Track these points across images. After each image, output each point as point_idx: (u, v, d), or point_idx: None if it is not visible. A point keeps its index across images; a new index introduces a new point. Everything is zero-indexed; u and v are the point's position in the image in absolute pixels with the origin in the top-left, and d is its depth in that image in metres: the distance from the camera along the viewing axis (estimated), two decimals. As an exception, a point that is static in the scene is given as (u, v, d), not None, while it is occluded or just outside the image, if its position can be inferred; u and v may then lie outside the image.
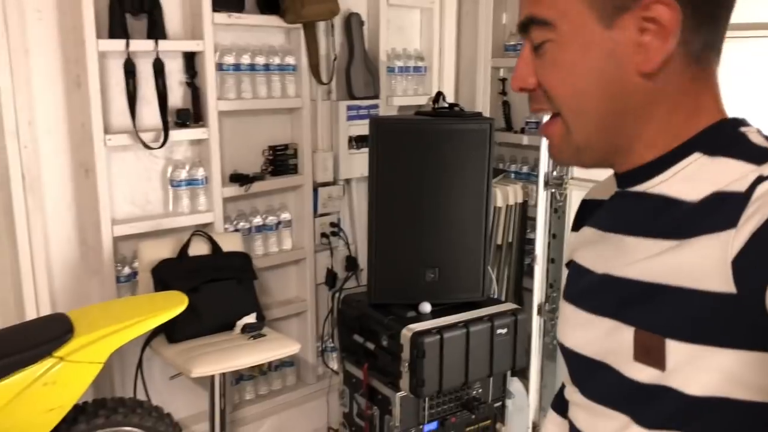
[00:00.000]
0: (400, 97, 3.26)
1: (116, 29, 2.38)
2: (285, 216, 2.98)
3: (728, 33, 0.73)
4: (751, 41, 2.38)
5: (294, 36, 2.88)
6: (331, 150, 3.07)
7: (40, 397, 1.86)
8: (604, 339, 0.75)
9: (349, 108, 3.04)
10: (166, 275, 2.43)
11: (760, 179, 0.63)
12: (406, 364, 2.42)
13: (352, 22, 3.02)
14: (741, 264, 0.61)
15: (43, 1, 2.29)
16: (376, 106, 3.10)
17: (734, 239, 0.62)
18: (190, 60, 2.62)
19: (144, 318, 2.03)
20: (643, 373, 0.70)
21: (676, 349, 0.66)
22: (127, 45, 2.39)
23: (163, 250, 2.52)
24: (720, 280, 0.62)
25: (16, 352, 1.86)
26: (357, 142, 3.07)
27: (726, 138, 0.71)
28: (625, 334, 0.72)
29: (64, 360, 1.89)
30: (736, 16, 0.73)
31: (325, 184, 3.08)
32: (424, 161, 2.54)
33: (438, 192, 2.56)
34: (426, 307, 2.59)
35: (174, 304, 2.12)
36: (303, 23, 2.83)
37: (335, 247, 3.16)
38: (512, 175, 3.25)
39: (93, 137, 2.36)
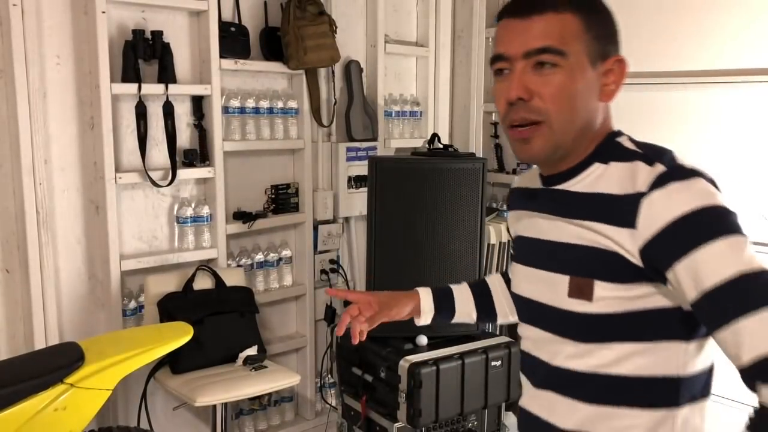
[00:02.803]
0: (397, 139, 3.40)
1: (129, 74, 2.51)
2: (286, 253, 3.08)
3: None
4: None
5: (296, 81, 3.03)
6: (331, 189, 3.19)
7: (51, 422, 1.91)
8: (546, 287, 1.09)
9: (349, 150, 3.17)
10: (171, 308, 2.52)
11: (653, 187, 0.96)
12: (404, 394, 2.49)
13: (351, 69, 3.18)
14: (646, 253, 0.97)
15: (62, 47, 2.43)
16: (374, 148, 3.23)
17: (639, 235, 0.96)
18: (198, 103, 2.75)
19: (152, 347, 2.10)
20: (576, 305, 1.04)
21: (600, 287, 1.01)
22: (139, 88, 2.52)
23: (169, 284, 2.61)
24: (631, 256, 0.98)
25: (29, 379, 1.91)
26: (356, 181, 3.19)
27: (609, 149, 1.07)
28: (562, 280, 1.05)
29: (75, 386, 1.95)
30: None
31: (325, 222, 3.19)
32: (421, 198, 2.66)
33: (434, 228, 2.67)
34: (422, 339, 2.67)
35: (180, 334, 2.19)
36: (305, 69, 2.98)
37: (334, 283, 3.24)
38: (505, 214, 3.36)
39: (104, 175, 2.47)
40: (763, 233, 2.54)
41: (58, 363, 1.98)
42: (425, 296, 1.42)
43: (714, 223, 0.93)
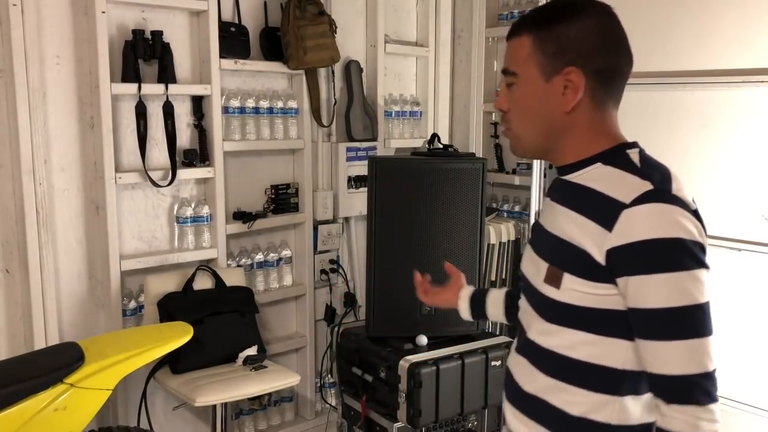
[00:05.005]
0: (397, 139, 3.40)
1: (129, 74, 2.51)
2: (286, 253, 3.08)
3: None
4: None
5: (296, 81, 3.03)
6: (331, 189, 3.19)
7: (51, 422, 1.91)
8: (535, 269, 1.25)
9: (349, 150, 3.17)
10: (171, 308, 2.52)
11: (635, 202, 1.08)
12: (404, 394, 2.49)
13: (351, 69, 3.18)
14: (610, 256, 1.10)
15: (62, 47, 2.43)
16: (374, 148, 3.23)
17: (611, 239, 1.09)
18: (198, 103, 2.75)
19: (152, 346, 2.10)
20: (548, 290, 1.19)
21: (567, 279, 1.15)
22: (139, 88, 2.52)
23: (169, 284, 2.61)
24: (598, 254, 1.11)
25: (29, 379, 1.92)
26: (356, 182, 3.19)
27: (616, 156, 1.18)
28: (543, 267, 1.21)
29: (75, 386, 1.95)
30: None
31: (324, 222, 3.19)
32: (421, 198, 2.66)
33: (434, 228, 2.67)
34: (422, 339, 2.67)
35: (180, 334, 2.20)
36: (305, 69, 2.98)
37: (334, 283, 3.24)
38: (505, 214, 3.36)
39: (104, 175, 2.47)
40: (763, 233, 2.54)
41: (58, 363, 1.98)
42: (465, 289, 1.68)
43: (668, 256, 1.06)
